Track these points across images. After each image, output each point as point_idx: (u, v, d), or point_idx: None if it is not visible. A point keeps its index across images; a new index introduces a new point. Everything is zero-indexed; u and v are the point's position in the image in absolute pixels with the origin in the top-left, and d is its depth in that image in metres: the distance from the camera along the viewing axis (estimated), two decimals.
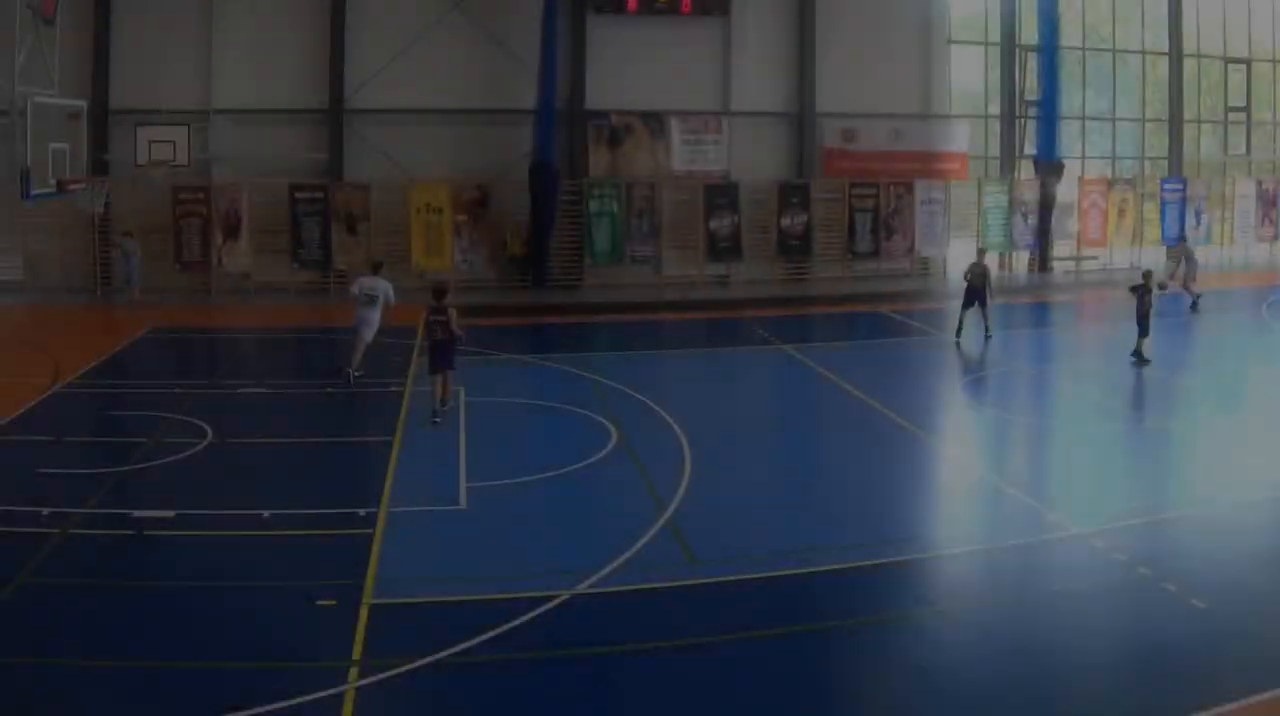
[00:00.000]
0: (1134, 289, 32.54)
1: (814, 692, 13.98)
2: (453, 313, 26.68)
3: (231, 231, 44.76)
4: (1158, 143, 55.84)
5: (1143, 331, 32.07)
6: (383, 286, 30.10)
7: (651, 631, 15.57)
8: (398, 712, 13.73)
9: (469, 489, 21.35)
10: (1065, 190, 50.97)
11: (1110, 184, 52.50)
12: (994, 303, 36.60)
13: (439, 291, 27.36)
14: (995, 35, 51.80)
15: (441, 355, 26.59)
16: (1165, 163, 55.21)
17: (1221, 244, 54.99)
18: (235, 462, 23.58)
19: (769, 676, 14.20)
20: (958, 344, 35.53)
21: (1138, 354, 32.01)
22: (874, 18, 48.76)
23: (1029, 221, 50.36)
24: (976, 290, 35.97)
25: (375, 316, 29.86)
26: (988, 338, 35.63)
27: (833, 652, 15.16)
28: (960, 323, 36.21)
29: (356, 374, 29.51)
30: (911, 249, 48.98)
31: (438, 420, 26.00)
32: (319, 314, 41.77)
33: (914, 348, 36.32)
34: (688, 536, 18.90)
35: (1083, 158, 53.60)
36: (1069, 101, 51.68)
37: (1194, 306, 40.76)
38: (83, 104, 37.26)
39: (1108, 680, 14.12)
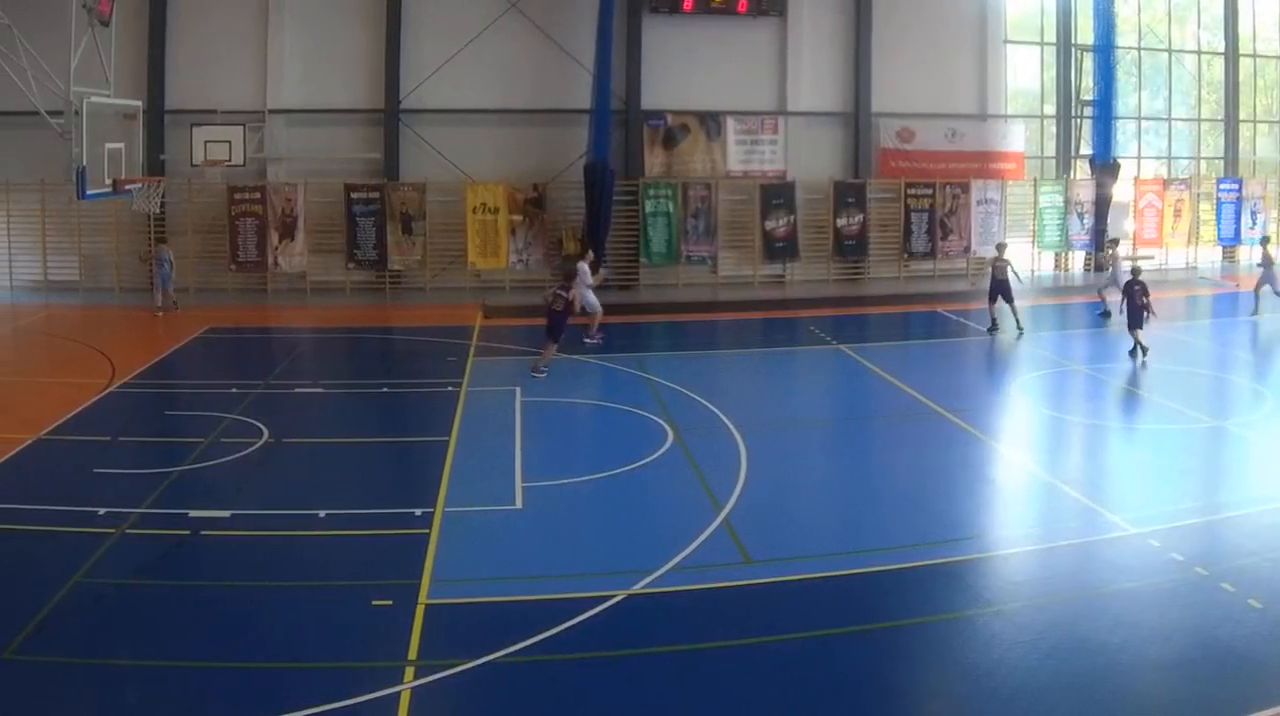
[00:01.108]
0: (1128, 285, 32.66)
1: (871, 692, 13.74)
2: (575, 292, 30.98)
3: (287, 231, 44.11)
4: (1213, 142, 54.47)
5: (1134, 323, 32.02)
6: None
7: (707, 632, 15.33)
8: (453, 713, 13.40)
9: (525, 489, 21.07)
10: (1121, 190, 49.74)
11: (1166, 184, 51.11)
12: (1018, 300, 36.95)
13: (569, 274, 32.68)
14: (1051, 35, 50.65)
15: (556, 324, 30.51)
16: (1221, 163, 53.84)
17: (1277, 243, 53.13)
18: (291, 462, 23.31)
19: (826, 676, 14.07)
20: (991, 336, 35.78)
21: (1138, 348, 31.93)
22: (930, 18, 47.69)
23: (1084, 221, 49.11)
24: (1000, 283, 36.30)
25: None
26: (1019, 333, 35.58)
27: (889, 652, 14.78)
28: (991, 318, 36.61)
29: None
30: (968, 249, 47.77)
31: (538, 374, 30.04)
32: (374, 314, 41.34)
33: (970, 347, 35.44)
34: (743, 536, 18.64)
35: (1138, 158, 52.24)
36: (1125, 101, 50.17)
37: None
38: (139, 104, 36.64)
39: (1164, 680, 13.87)
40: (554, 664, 14.25)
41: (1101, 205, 48.96)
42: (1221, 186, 51.80)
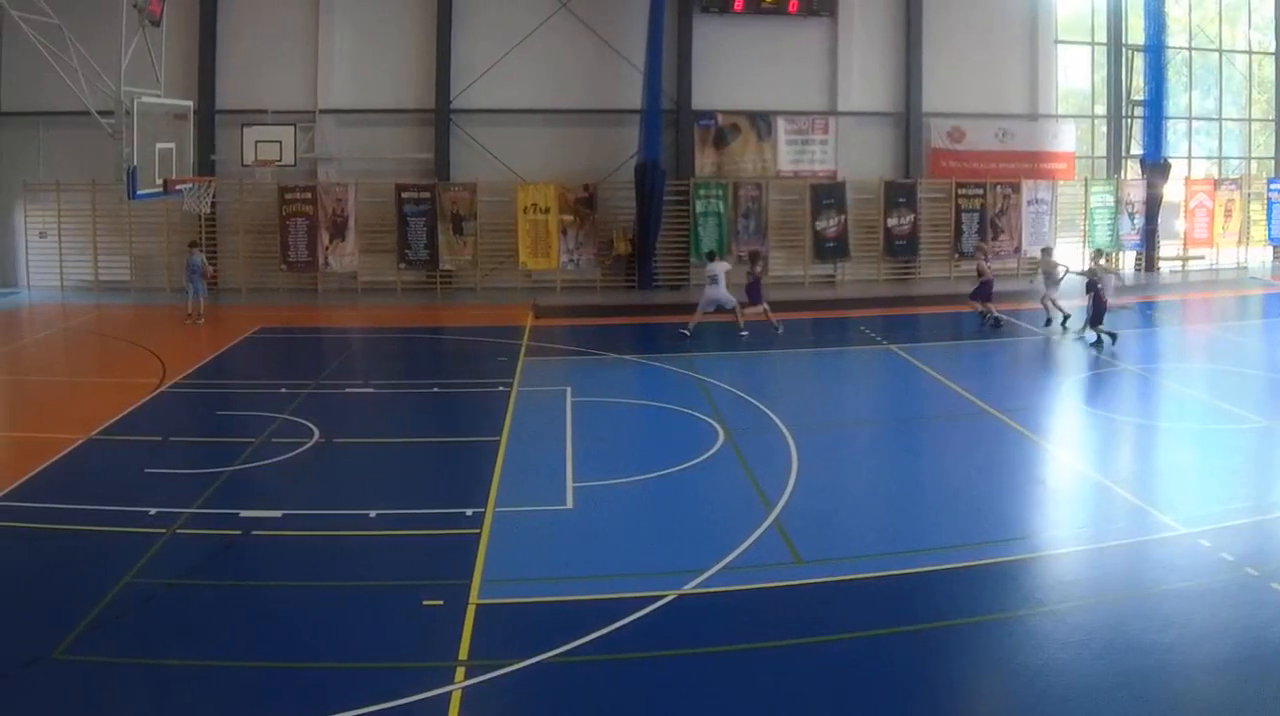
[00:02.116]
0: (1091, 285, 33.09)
1: (922, 693, 13.45)
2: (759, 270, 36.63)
3: (338, 231, 43.67)
4: (1264, 142, 53.27)
5: (1096, 318, 32.71)
6: (722, 267, 36.56)
7: (757, 632, 15.04)
8: (504, 713, 13.27)
9: (575, 489, 20.78)
10: (1171, 190, 48.77)
11: (1216, 184, 49.98)
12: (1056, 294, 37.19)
13: (754, 255, 38.56)
14: (1102, 35, 49.52)
15: (752, 294, 36.14)
16: (1272, 162, 52.60)
17: None
18: (342, 462, 23.00)
19: (877, 677, 13.82)
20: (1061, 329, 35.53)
21: (1101, 337, 33.01)
22: (981, 18, 46.77)
23: (1135, 221, 48.17)
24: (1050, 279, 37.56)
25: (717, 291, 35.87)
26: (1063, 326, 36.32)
27: (940, 652, 14.45)
28: (1049, 313, 37.13)
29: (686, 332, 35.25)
30: (1018, 249, 46.82)
31: (743, 333, 35.63)
32: (425, 314, 40.77)
33: (1021, 347, 34.73)
34: (794, 536, 18.32)
35: (1189, 158, 51.08)
36: (1175, 101, 49.03)
37: None
38: (189, 104, 36.32)
39: (1214, 680, 13.58)
40: (605, 664, 14.04)
41: (1152, 205, 48.01)
42: (1272, 186, 50.63)
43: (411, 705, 12.83)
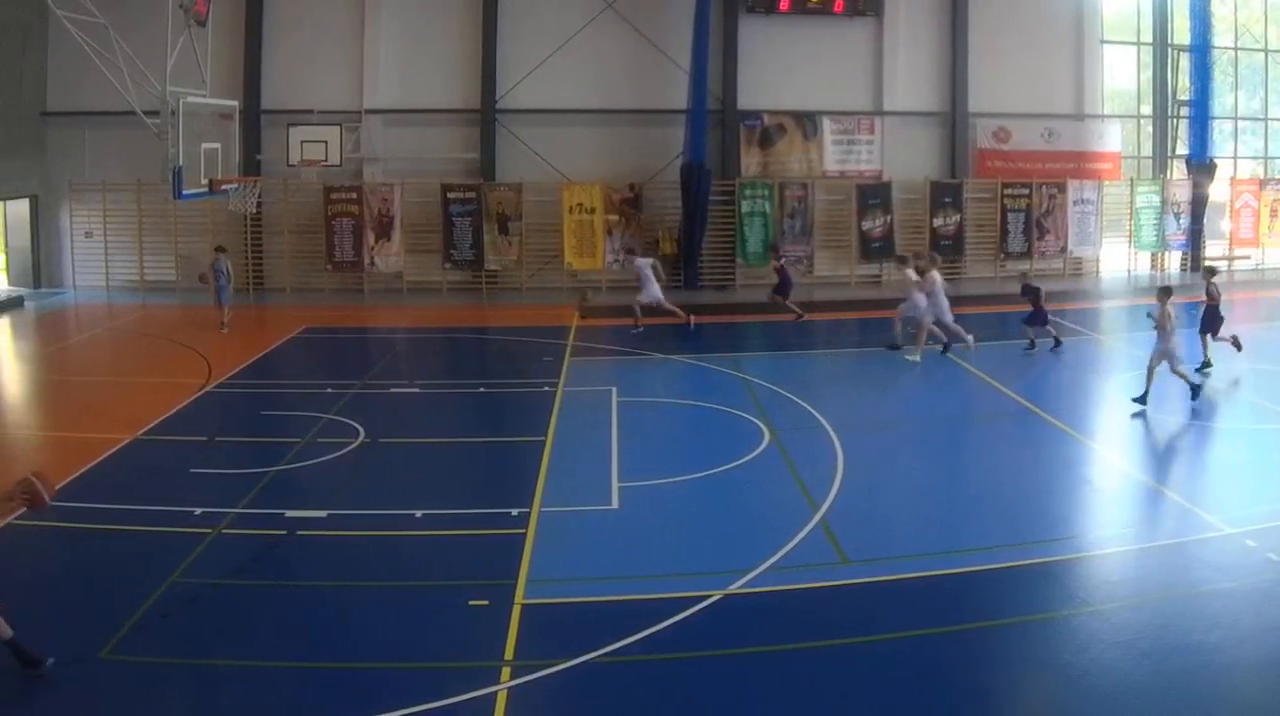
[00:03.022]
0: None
1: (967, 692, 13.33)
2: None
3: (384, 231, 43.29)
4: None
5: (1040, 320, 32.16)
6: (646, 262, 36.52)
7: (803, 632, 14.96)
8: (549, 713, 13.21)
9: (621, 488, 20.69)
10: (1217, 190, 48.05)
11: (1262, 184, 49.02)
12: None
13: (775, 249, 40.08)
14: (1147, 35, 48.80)
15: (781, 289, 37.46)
16: None
17: None
18: (387, 463, 22.96)
19: (922, 676, 13.66)
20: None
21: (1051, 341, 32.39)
22: (1027, 18, 46.01)
23: (1181, 222, 47.35)
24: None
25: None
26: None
27: (985, 652, 14.38)
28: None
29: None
30: (1064, 249, 46.23)
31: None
32: (471, 314, 40.37)
33: (1067, 348, 33.76)
34: (840, 536, 18.21)
35: (1234, 158, 50.14)
36: (1220, 101, 48.44)
37: None
38: (235, 104, 35.85)
39: (1260, 679, 13.45)
40: (650, 664, 13.99)
41: (1198, 205, 47.29)
42: None
43: (457, 705, 12.78)
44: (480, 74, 43.67)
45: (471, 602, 15.55)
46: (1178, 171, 48.65)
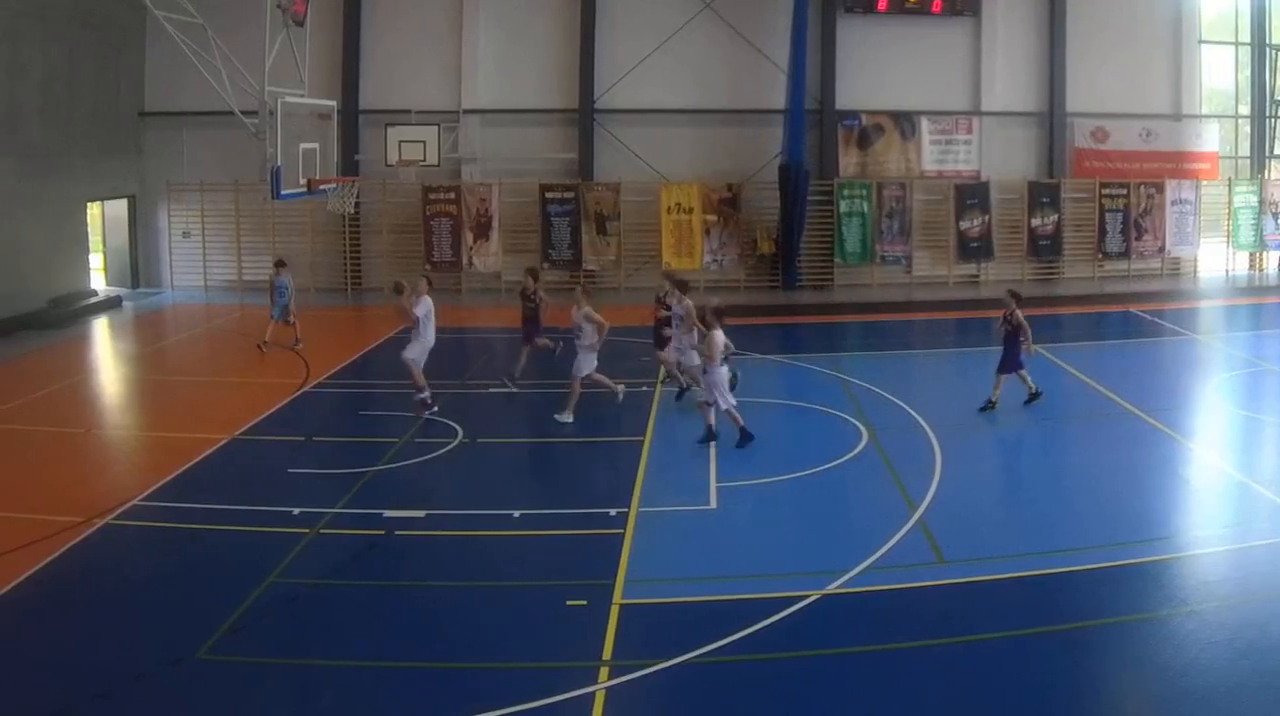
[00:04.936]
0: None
1: (1065, 692, 13.10)
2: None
3: (482, 231, 42.87)
4: None
5: (1006, 365, 25.50)
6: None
7: (901, 632, 14.86)
8: (647, 713, 13.17)
9: (719, 488, 20.51)
10: None
11: None
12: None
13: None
14: (1245, 35, 47.56)
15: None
16: None
17: None
18: (486, 462, 22.88)
19: (1020, 676, 13.55)
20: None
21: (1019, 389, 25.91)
22: (1125, 18, 45.02)
23: (1278, 222, 46.17)
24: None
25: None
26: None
27: (1083, 652, 14.04)
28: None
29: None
30: (1162, 249, 45.23)
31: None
32: (568, 314, 38.81)
33: (1164, 347, 33.85)
34: (938, 536, 17.98)
35: None
36: None
37: None
38: (333, 104, 35.00)
39: None
40: (748, 664, 13.89)
41: None
42: None
43: (556, 705, 12.74)
44: (578, 74, 43.19)
45: (569, 602, 15.48)
46: (1276, 171, 47.69)
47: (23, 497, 19.80)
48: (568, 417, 24.86)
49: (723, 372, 23.10)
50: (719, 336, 22.97)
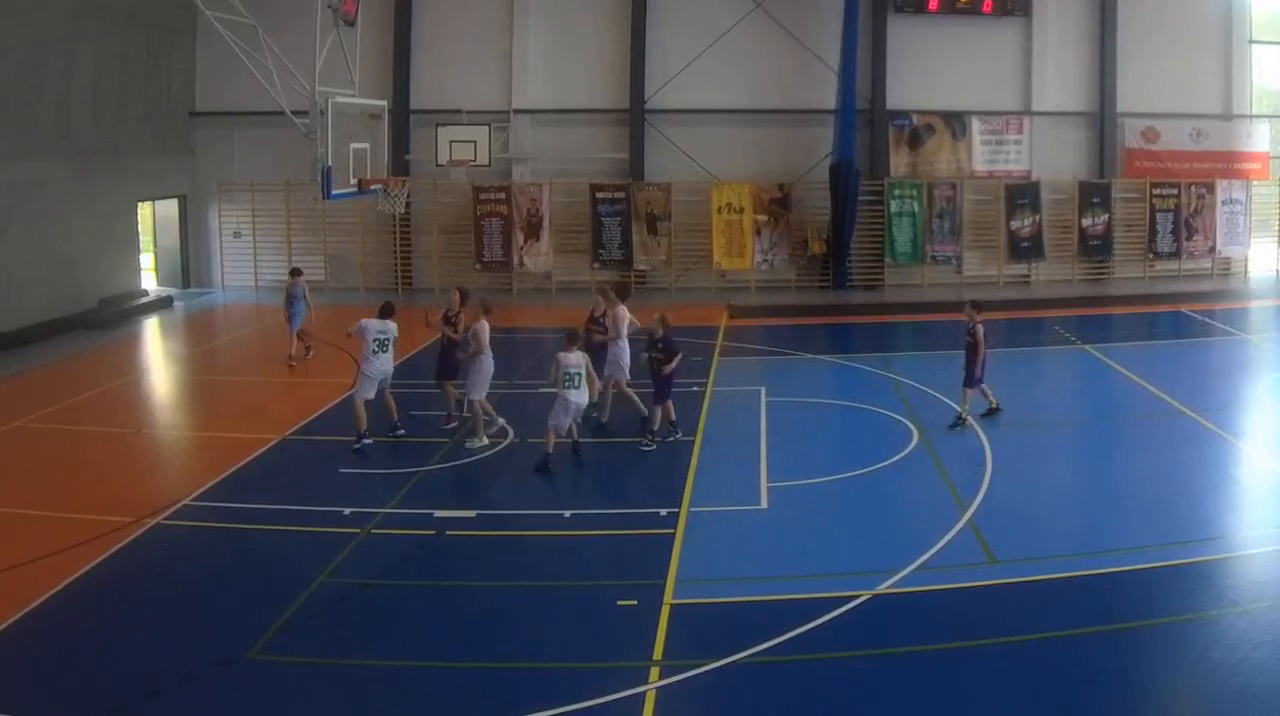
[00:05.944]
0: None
1: (1116, 692, 13.08)
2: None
3: (532, 231, 42.73)
4: None
5: (969, 379, 24.54)
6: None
7: (951, 632, 14.78)
8: (698, 713, 13.17)
9: (770, 488, 20.49)
10: None
11: None
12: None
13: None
14: None
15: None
16: None
17: None
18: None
19: (1070, 676, 13.43)
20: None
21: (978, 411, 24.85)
22: (1175, 18, 44.53)
23: None
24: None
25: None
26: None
27: (1134, 652, 14.12)
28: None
29: None
30: (1213, 249, 44.76)
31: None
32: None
33: (1216, 348, 33.67)
34: (988, 536, 17.98)
35: None
36: None
37: None
38: (383, 104, 34.98)
39: None
40: (799, 664, 13.88)
41: None
42: None
43: (606, 705, 12.77)
44: (629, 74, 43.01)
45: (620, 602, 15.48)
46: None
47: (73, 497, 19.88)
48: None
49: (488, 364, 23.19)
50: (486, 328, 23.19)
